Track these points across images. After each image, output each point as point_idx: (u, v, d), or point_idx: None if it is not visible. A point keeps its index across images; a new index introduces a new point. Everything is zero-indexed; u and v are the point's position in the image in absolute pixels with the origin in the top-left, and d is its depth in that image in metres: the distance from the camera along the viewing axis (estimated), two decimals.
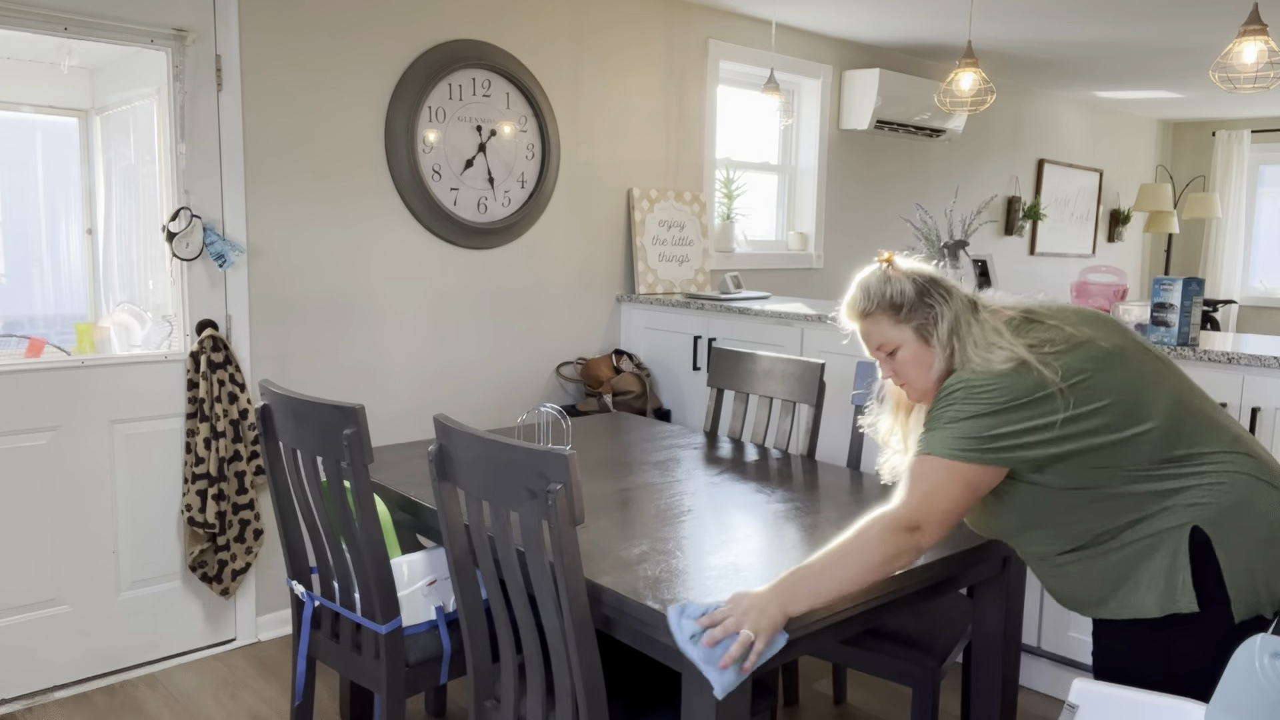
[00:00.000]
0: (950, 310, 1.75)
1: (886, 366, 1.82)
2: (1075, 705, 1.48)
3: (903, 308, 1.76)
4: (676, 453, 2.75)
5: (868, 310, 1.79)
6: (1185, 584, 1.62)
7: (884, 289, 1.78)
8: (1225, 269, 7.99)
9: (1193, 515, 1.62)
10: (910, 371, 1.78)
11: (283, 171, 3.26)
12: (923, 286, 1.77)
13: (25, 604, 2.91)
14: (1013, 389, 1.63)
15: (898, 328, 1.77)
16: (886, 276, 1.79)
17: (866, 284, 1.81)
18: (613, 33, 4.14)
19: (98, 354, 3.09)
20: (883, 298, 1.78)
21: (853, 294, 1.83)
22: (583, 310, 4.16)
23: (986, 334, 1.71)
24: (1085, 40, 5.06)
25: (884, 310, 1.78)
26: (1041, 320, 1.73)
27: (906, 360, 1.77)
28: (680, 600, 1.68)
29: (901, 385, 1.82)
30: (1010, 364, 1.64)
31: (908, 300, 1.76)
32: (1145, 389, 1.66)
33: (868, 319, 1.80)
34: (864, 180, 5.44)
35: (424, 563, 2.24)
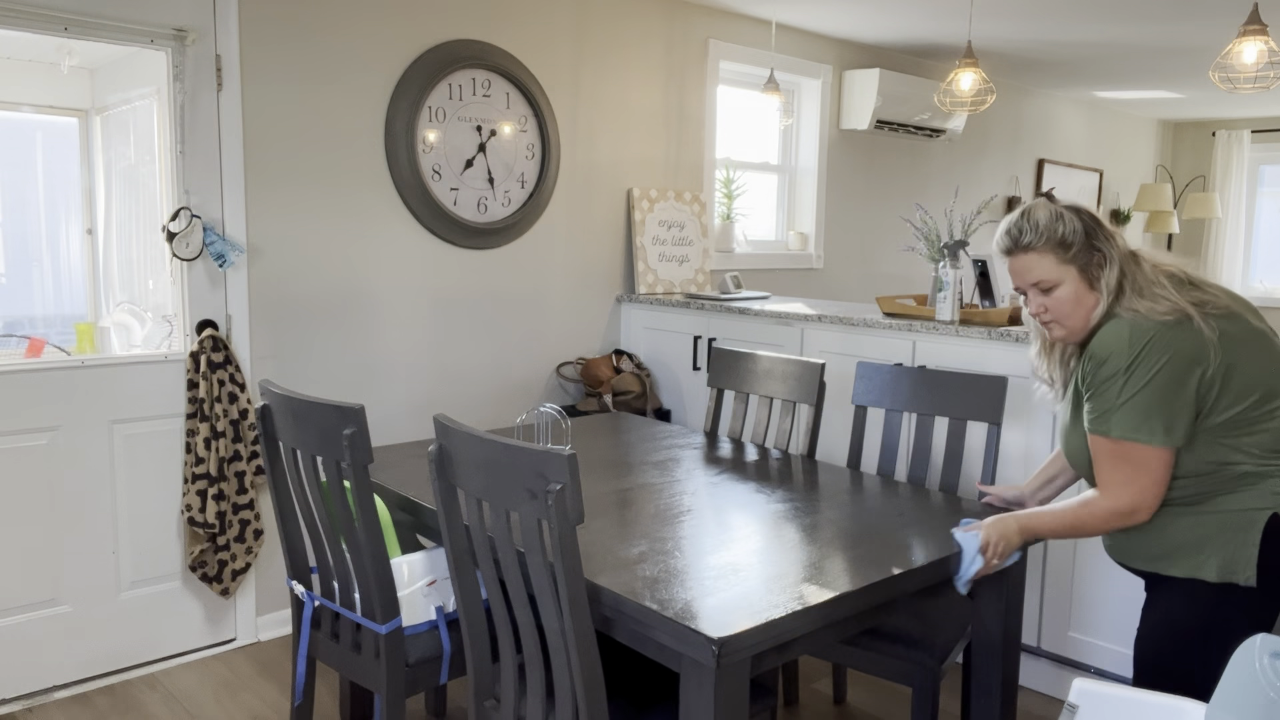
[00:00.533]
0: (1118, 255, 1.74)
1: (1036, 301, 1.79)
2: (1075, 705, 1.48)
3: (1072, 246, 1.74)
4: (676, 453, 2.75)
5: (1032, 244, 1.75)
6: (1250, 558, 1.68)
7: (1055, 225, 1.74)
8: (1225, 269, 7.99)
9: (1276, 502, 1.68)
10: (1066, 309, 1.76)
11: (283, 171, 3.26)
12: (1091, 227, 1.75)
13: (25, 604, 2.91)
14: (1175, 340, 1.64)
15: (1062, 266, 1.74)
16: (1057, 213, 1.75)
17: (1035, 217, 1.76)
18: (613, 33, 4.14)
19: (98, 354, 3.09)
20: (1052, 233, 1.74)
21: (1015, 224, 1.78)
22: (583, 310, 4.16)
23: (1150, 283, 1.70)
24: (1085, 40, 5.06)
25: (1051, 246, 1.75)
26: (1199, 285, 1.73)
27: (1065, 299, 1.75)
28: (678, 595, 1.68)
29: (1048, 323, 1.81)
30: (1173, 315, 1.65)
31: (1078, 240, 1.74)
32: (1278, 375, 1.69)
33: (1030, 253, 1.76)
34: (864, 180, 5.44)
35: (424, 563, 2.24)
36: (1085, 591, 2.93)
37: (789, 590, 1.74)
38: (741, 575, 1.81)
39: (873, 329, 3.38)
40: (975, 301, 3.38)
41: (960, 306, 3.23)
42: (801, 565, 1.87)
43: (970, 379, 2.59)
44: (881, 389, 2.76)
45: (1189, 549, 1.74)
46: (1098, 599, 2.91)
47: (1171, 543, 1.76)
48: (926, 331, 3.21)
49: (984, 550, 1.87)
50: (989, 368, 3.06)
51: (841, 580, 1.79)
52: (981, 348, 3.07)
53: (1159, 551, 1.79)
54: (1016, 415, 3.02)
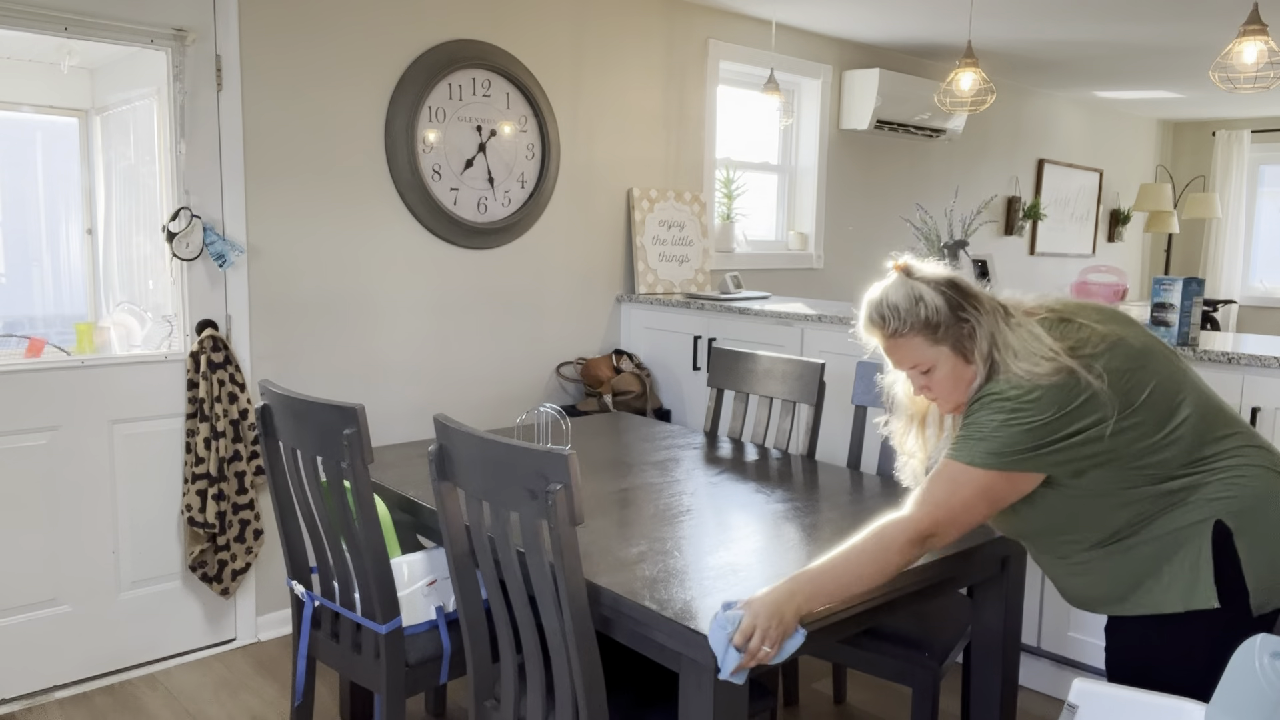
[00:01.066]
0: (986, 322, 1.66)
1: (918, 383, 1.73)
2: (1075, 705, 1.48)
3: (939, 327, 1.66)
4: (676, 453, 2.75)
5: (899, 331, 1.68)
6: (1208, 578, 1.60)
7: (916, 309, 1.66)
8: (1225, 269, 7.99)
9: (1215, 509, 1.60)
10: (946, 388, 1.70)
11: (283, 171, 3.26)
12: (953, 300, 1.67)
13: (25, 604, 2.91)
14: (1061, 399, 1.57)
15: (934, 347, 1.67)
16: (917, 295, 1.67)
17: (895, 303, 1.68)
18: (613, 33, 4.14)
19: (98, 354, 3.09)
20: (915, 318, 1.67)
21: (876, 310, 1.70)
22: (583, 310, 4.16)
23: (1025, 342, 1.63)
24: (1085, 40, 5.06)
25: (917, 331, 1.67)
26: (1070, 319, 1.67)
27: (944, 378, 1.69)
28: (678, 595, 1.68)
29: (933, 399, 1.75)
30: (1058, 375, 1.58)
31: (943, 318, 1.66)
32: (1175, 385, 1.63)
33: (898, 339, 1.69)
34: (864, 180, 5.44)
35: (424, 563, 2.24)
36: None
37: None
38: (741, 575, 1.81)
39: None
40: None
41: None
42: (801, 565, 1.87)
43: None
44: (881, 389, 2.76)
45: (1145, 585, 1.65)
46: None
47: (1125, 583, 1.67)
48: None
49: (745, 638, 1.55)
50: None
51: None
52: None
53: (1114, 595, 1.70)
54: None
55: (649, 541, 1.99)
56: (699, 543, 1.99)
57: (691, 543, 1.99)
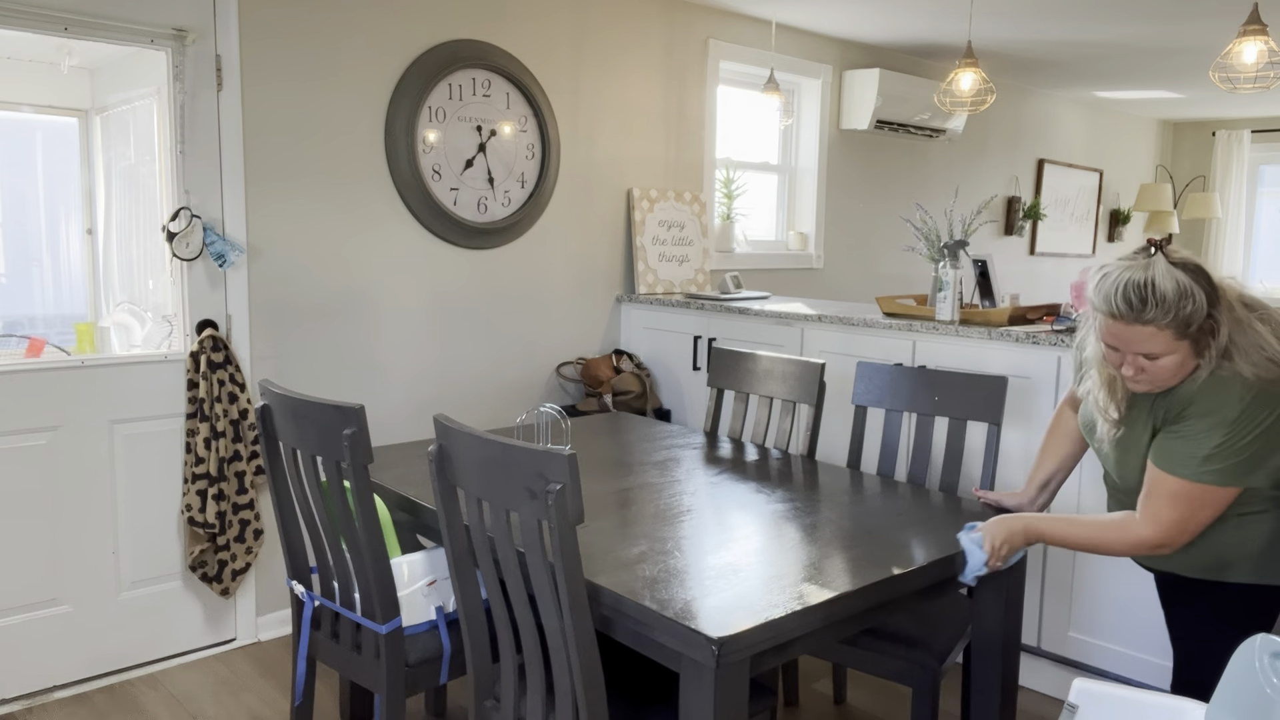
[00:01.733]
0: (1226, 319, 1.66)
1: (1133, 365, 1.70)
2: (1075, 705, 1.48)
3: (1192, 325, 1.63)
4: (676, 453, 2.75)
5: (1154, 320, 1.63)
6: None
7: (1183, 304, 1.62)
8: (1225, 269, 7.99)
9: None
10: (1166, 375, 1.69)
11: (283, 171, 3.26)
12: (1211, 298, 1.65)
13: (25, 604, 2.91)
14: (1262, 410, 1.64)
15: (1177, 342, 1.65)
16: (1185, 289, 1.62)
17: (1163, 291, 1.62)
18: (613, 33, 4.14)
19: (98, 354, 3.09)
20: (1179, 312, 1.62)
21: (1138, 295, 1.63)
22: (583, 310, 4.16)
23: (1253, 341, 1.65)
24: (1085, 40, 5.06)
25: (1172, 325, 1.63)
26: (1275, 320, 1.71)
27: (1168, 366, 1.68)
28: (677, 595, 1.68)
29: (1138, 380, 1.72)
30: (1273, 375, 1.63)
31: (1199, 319, 1.63)
32: None
33: (1147, 327, 1.64)
34: (864, 180, 5.44)
35: (424, 563, 2.24)
36: (1085, 591, 2.93)
37: (789, 590, 1.74)
38: (741, 575, 1.81)
39: (873, 329, 3.38)
40: (975, 301, 3.38)
41: (960, 306, 3.23)
42: (801, 565, 1.87)
43: (970, 379, 2.59)
44: (881, 389, 2.76)
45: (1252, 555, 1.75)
46: (1098, 599, 2.91)
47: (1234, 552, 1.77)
48: (926, 331, 3.21)
49: (989, 553, 1.89)
50: (989, 368, 3.06)
51: (841, 580, 1.79)
52: (981, 348, 3.07)
53: (1217, 562, 1.78)
54: (1016, 415, 3.02)
55: (649, 541, 1.99)
56: (699, 543, 1.99)
57: (692, 543, 1.99)
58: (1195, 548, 1.81)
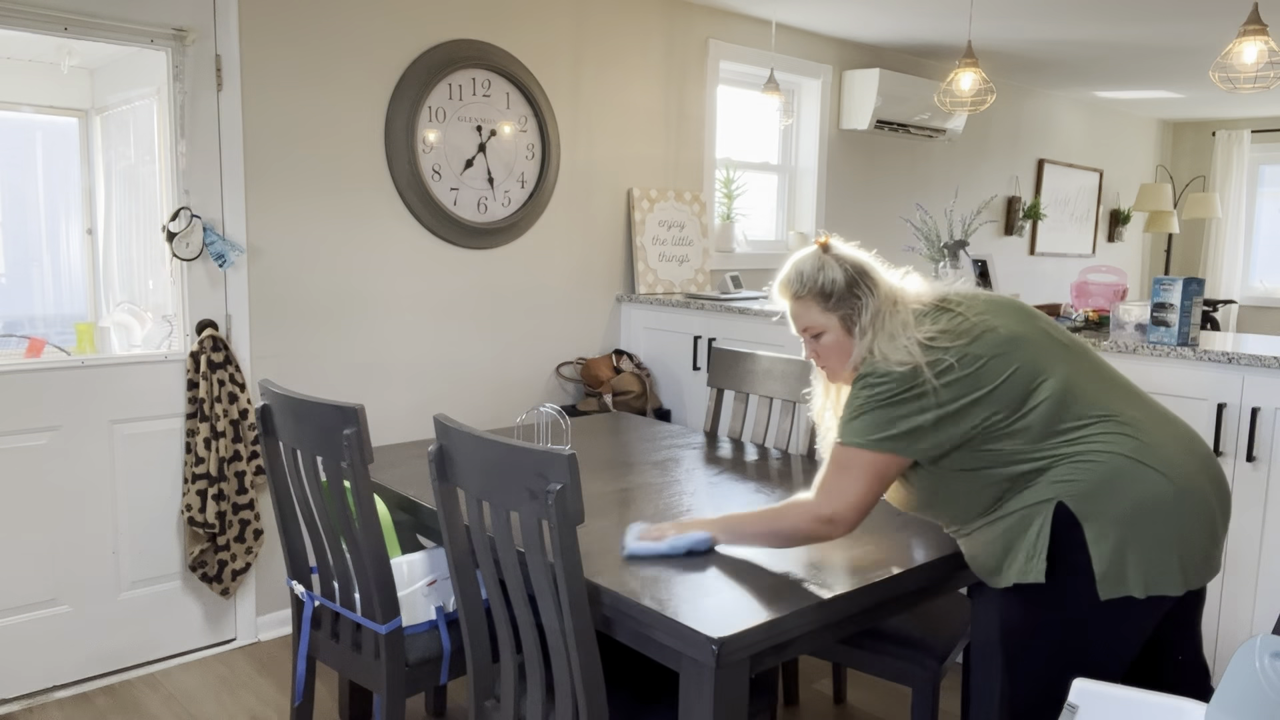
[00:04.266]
0: (874, 303, 1.82)
1: (809, 346, 1.90)
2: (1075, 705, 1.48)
3: (832, 296, 1.84)
4: (676, 453, 2.75)
5: (799, 293, 1.87)
6: (1040, 555, 1.73)
7: (817, 275, 1.85)
8: (1225, 269, 7.99)
9: (1057, 491, 1.72)
10: (831, 356, 1.87)
11: (283, 171, 3.26)
12: (853, 277, 1.84)
13: (25, 604, 2.91)
14: (900, 386, 1.73)
15: (825, 314, 1.85)
16: (821, 263, 1.85)
17: (801, 267, 1.87)
18: (613, 33, 4.14)
19: (98, 354, 3.09)
20: (814, 284, 1.85)
21: (787, 273, 1.90)
22: (583, 310, 4.16)
23: (893, 328, 1.79)
24: (1085, 40, 5.06)
25: (814, 295, 1.85)
26: (951, 309, 1.81)
27: (829, 346, 1.86)
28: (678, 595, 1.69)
29: (822, 367, 1.92)
30: (904, 367, 1.73)
31: (838, 290, 1.84)
32: (1037, 373, 1.74)
33: (798, 301, 1.87)
34: (864, 180, 5.44)
35: (424, 563, 2.24)
36: None
37: (788, 590, 1.74)
38: (741, 575, 1.81)
39: None
40: None
41: None
42: (801, 565, 1.87)
43: None
44: None
45: (1008, 558, 1.78)
46: None
47: (996, 555, 1.80)
48: None
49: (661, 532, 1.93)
50: None
51: (841, 580, 1.79)
52: None
53: (992, 566, 1.82)
54: None
55: None
56: None
57: None
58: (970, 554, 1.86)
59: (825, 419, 2.01)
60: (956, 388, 1.72)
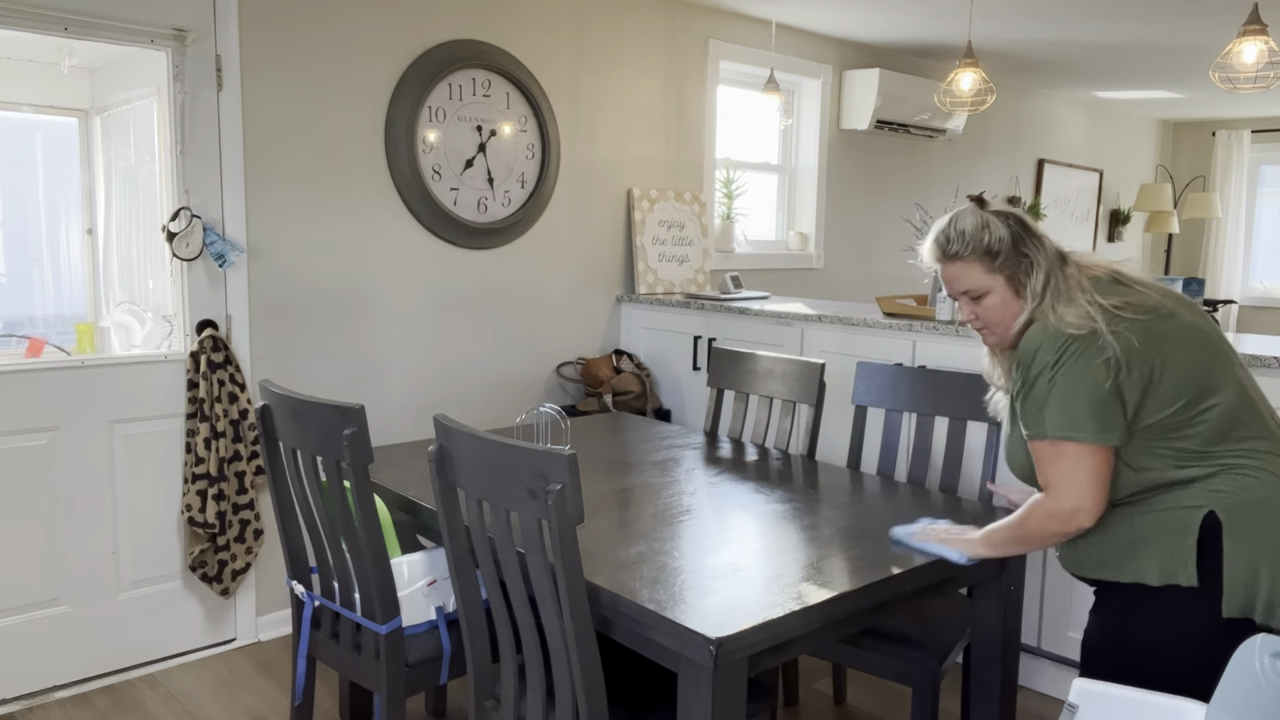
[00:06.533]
0: (1044, 261, 1.72)
1: (968, 309, 1.80)
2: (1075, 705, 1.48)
3: (999, 255, 1.73)
4: (676, 453, 2.75)
5: (960, 254, 1.75)
6: (1189, 560, 1.64)
7: (981, 234, 1.74)
8: (1225, 269, 7.99)
9: (1211, 500, 1.65)
10: (994, 318, 1.77)
11: (283, 171, 3.26)
12: (1018, 233, 1.74)
13: (25, 604, 2.91)
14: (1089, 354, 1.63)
15: (990, 275, 1.75)
16: (984, 222, 1.74)
17: (962, 226, 1.75)
18: (613, 32, 4.14)
19: (98, 354, 3.09)
20: (979, 243, 1.74)
21: (944, 233, 1.78)
22: (583, 310, 4.16)
23: (1071, 291, 1.69)
24: (1085, 40, 5.06)
25: (978, 256, 1.74)
26: (1129, 284, 1.72)
27: (993, 307, 1.76)
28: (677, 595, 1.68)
29: (980, 329, 1.81)
30: (1082, 328, 1.64)
31: (1004, 248, 1.73)
32: (1216, 372, 1.67)
33: (958, 262, 1.76)
34: (864, 180, 5.44)
35: (424, 563, 2.24)
36: (1085, 591, 2.93)
37: (788, 590, 1.74)
38: (740, 575, 1.81)
39: (873, 329, 3.38)
40: None
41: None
42: (801, 565, 1.87)
43: (970, 379, 2.59)
44: (881, 389, 2.76)
45: (1130, 552, 1.71)
46: None
47: (1113, 546, 1.73)
48: (926, 331, 3.21)
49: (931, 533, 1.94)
50: None
51: (841, 580, 1.79)
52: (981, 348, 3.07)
53: (1102, 557, 1.75)
54: None
55: (649, 542, 1.99)
56: (699, 543, 1.99)
57: (691, 543, 1.99)
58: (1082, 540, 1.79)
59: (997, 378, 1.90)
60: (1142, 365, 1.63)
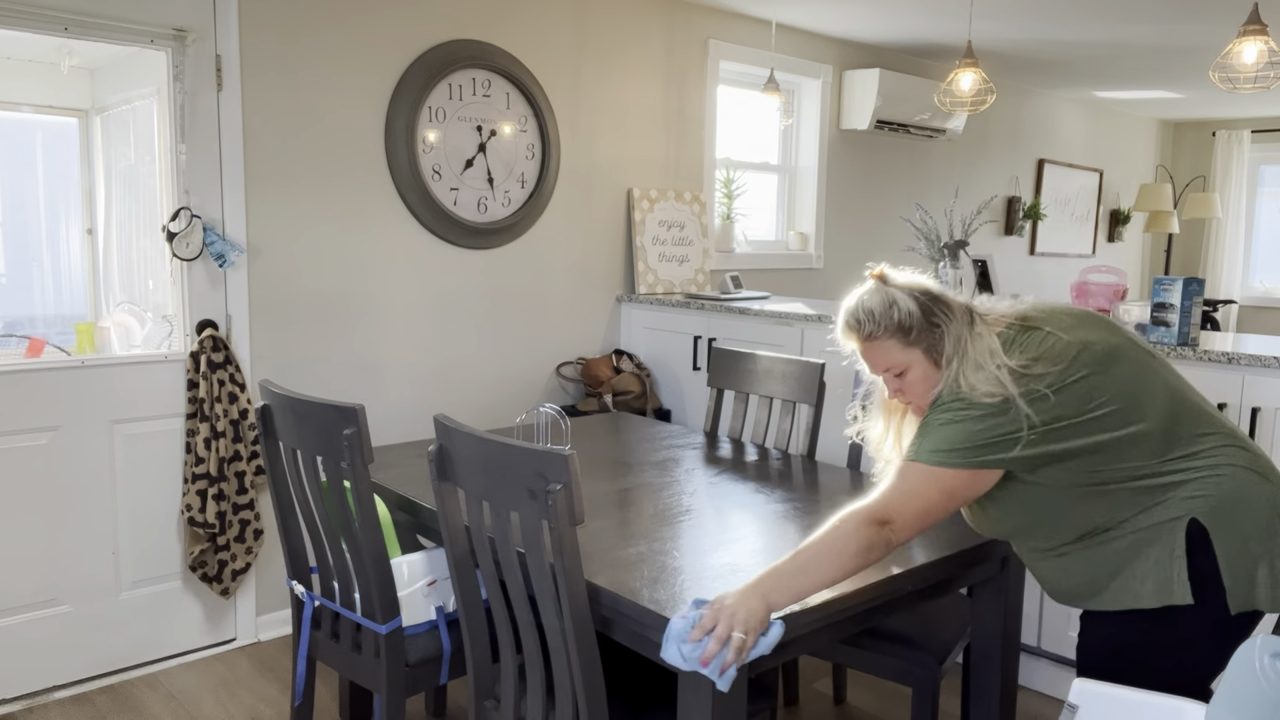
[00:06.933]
0: (955, 328, 1.71)
1: (892, 385, 1.78)
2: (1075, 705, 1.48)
3: (911, 330, 1.72)
4: (676, 453, 2.75)
5: (873, 334, 1.73)
6: (1181, 575, 1.64)
7: (890, 312, 1.72)
8: (1225, 269, 7.99)
9: (1190, 508, 1.64)
10: (919, 390, 1.74)
11: (283, 171, 3.26)
12: (926, 305, 1.72)
13: (25, 604, 2.91)
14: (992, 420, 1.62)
15: (907, 350, 1.73)
16: (891, 299, 1.72)
17: (870, 307, 1.74)
18: (613, 32, 4.14)
19: (98, 354, 3.09)
20: (890, 320, 1.72)
21: (853, 316, 1.76)
22: (583, 310, 4.16)
23: (981, 355, 1.67)
24: (1085, 40, 5.06)
25: (891, 334, 1.72)
26: (1038, 327, 1.70)
27: (916, 382, 1.74)
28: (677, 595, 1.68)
29: (907, 403, 1.79)
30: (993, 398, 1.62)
31: (915, 322, 1.71)
32: (1143, 387, 1.66)
33: (872, 342, 1.74)
34: (864, 180, 5.44)
35: (424, 563, 2.24)
36: None
37: None
38: (741, 575, 1.81)
39: None
40: None
41: None
42: None
43: None
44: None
45: (1121, 579, 1.69)
46: None
47: (1101, 577, 1.71)
48: None
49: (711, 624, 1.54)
50: None
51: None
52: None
53: (1091, 589, 1.73)
54: None
55: (649, 542, 1.99)
56: (699, 543, 1.99)
57: (691, 543, 1.99)
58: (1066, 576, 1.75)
59: (885, 450, 1.89)
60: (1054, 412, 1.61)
